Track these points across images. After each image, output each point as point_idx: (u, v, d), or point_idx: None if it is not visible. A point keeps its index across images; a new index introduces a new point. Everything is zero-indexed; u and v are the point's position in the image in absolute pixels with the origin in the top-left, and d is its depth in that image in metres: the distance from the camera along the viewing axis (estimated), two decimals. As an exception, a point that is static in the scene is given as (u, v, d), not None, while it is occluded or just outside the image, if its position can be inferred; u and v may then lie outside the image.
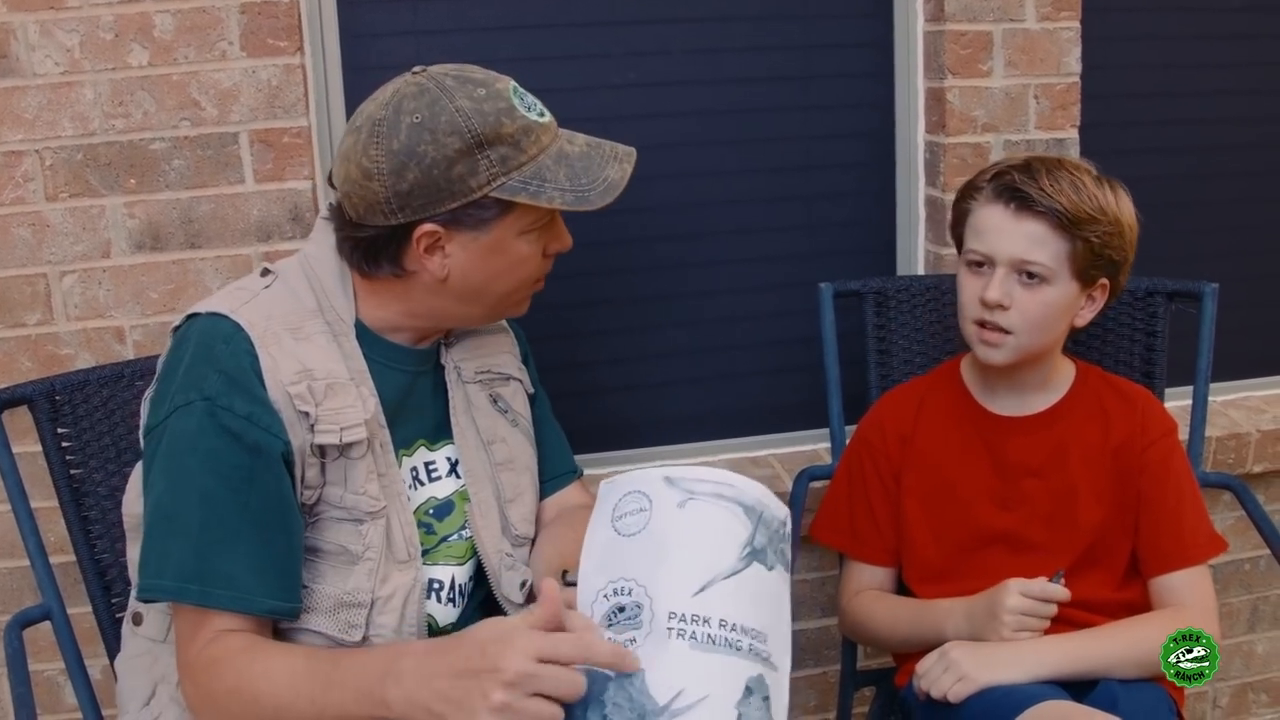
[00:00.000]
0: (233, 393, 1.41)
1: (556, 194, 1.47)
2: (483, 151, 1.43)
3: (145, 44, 2.00)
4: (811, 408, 2.41)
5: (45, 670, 2.19)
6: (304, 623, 1.47)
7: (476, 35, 2.21)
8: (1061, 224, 1.72)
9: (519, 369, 1.76)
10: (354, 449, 1.48)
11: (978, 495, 1.88)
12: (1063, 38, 2.34)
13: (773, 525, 1.35)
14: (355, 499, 1.48)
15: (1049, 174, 1.75)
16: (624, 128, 2.28)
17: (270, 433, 1.42)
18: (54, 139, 2.01)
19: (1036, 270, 1.74)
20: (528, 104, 1.49)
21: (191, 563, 1.40)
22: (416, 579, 1.53)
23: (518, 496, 1.68)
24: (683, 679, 1.22)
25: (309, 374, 1.46)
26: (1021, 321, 1.77)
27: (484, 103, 1.44)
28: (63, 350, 2.07)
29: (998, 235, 1.77)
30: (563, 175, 1.48)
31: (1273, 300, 2.72)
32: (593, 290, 2.38)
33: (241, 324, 1.46)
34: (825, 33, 2.37)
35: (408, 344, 1.59)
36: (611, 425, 2.44)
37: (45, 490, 1.80)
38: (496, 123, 1.44)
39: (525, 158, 1.46)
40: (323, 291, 1.54)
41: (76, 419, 1.78)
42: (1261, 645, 2.78)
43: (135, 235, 2.06)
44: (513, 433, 1.70)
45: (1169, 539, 1.83)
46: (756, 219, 2.42)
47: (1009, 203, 1.76)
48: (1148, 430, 1.86)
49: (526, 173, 1.45)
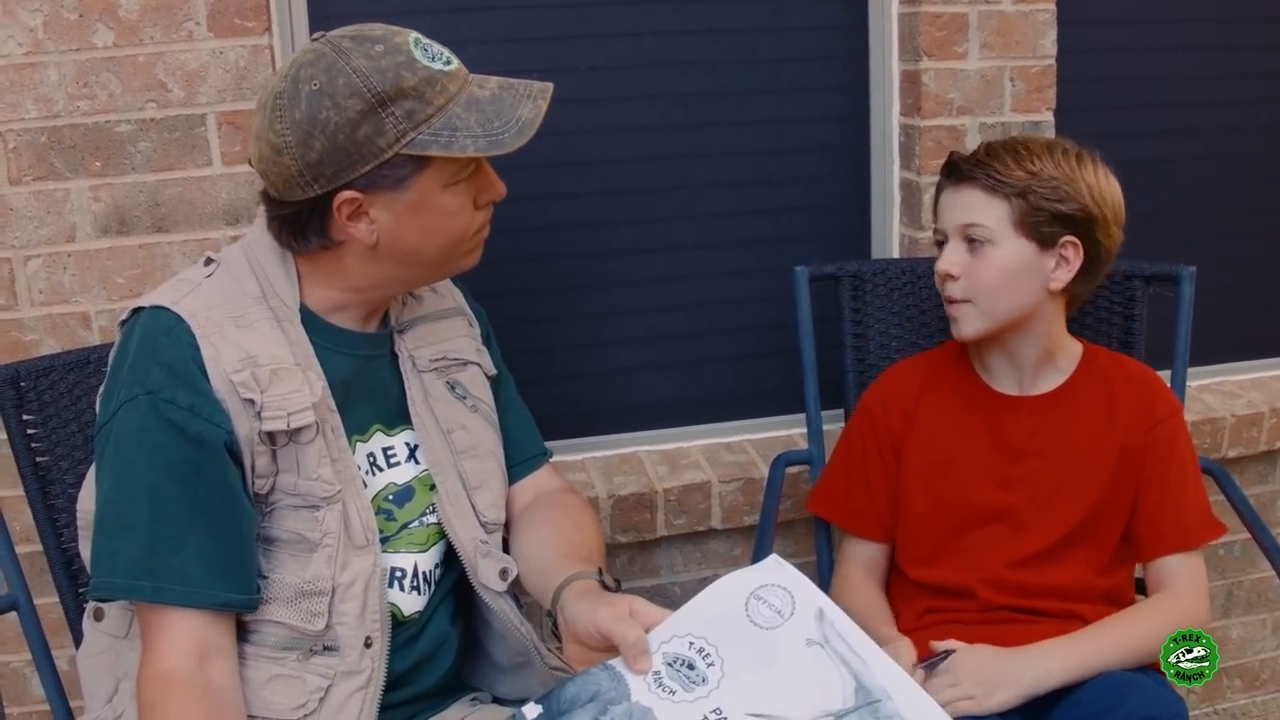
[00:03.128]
0: (175, 385, 1.41)
1: (469, 141, 1.42)
2: (386, 109, 1.40)
3: (110, 24, 1.97)
4: (786, 393, 2.40)
5: (11, 662, 2.16)
6: (267, 614, 1.46)
7: (446, 16, 2.19)
8: (991, 185, 1.77)
9: (477, 352, 1.73)
10: (303, 434, 1.46)
11: (978, 473, 1.88)
12: (1038, 20, 2.33)
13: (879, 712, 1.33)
14: (309, 485, 1.47)
15: (990, 148, 1.81)
16: (595, 110, 2.29)
17: (213, 423, 1.41)
18: (17, 121, 1.97)
19: (977, 234, 1.78)
20: (431, 54, 1.45)
21: (142, 559, 1.39)
22: (376, 564, 1.51)
23: (483, 483, 1.66)
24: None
25: (252, 361, 1.45)
26: (974, 287, 1.79)
27: (381, 59, 1.41)
28: (27, 336, 2.04)
29: (945, 209, 1.83)
30: (474, 121, 1.43)
31: (1247, 284, 2.72)
32: (563, 274, 2.36)
33: (183, 315, 1.45)
34: (798, 15, 2.36)
35: (355, 326, 1.57)
36: (584, 411, 2.42)
37: (10, 479, 1.78)
38: (396, 77, 1.40)
39: (432, 109, 1.42)
40: (265, 277, 1.52)
41: (42, 405, 1.75)
42: (1236, 630, 2.79)
43: (101, 219, 2.03)
44: (473, 419, 1.68)
45: (1170, 520, 1.83)
46: (729, 202, 2.41)
47: (949, 176, 1.83)
48: (1154, 411, 1.86)
49: (436, 124, 1.42)
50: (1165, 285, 2.09)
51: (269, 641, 1.47)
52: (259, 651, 1.48)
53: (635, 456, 2.42)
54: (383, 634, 1.52)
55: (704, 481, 2.31)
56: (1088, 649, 1.72)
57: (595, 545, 1.65)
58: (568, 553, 1.57)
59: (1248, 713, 2.85)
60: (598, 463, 2.39)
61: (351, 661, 1.49)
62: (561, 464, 2.34)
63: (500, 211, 2.25)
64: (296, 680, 1.48)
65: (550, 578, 1.54)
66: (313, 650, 1.48)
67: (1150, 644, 1.74)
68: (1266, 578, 2.75)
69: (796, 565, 2.40)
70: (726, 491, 2.32)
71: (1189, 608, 1.79)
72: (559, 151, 2.28)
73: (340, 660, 1.48)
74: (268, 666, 1.48)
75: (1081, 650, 1.72)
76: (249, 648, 1.48)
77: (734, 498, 2.33)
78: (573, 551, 1.57)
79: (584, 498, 1.80)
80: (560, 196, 2.31)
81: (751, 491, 2.33)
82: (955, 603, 1.85)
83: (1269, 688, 2.86)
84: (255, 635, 1.48)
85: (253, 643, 1.48)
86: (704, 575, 2.42)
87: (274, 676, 1.47)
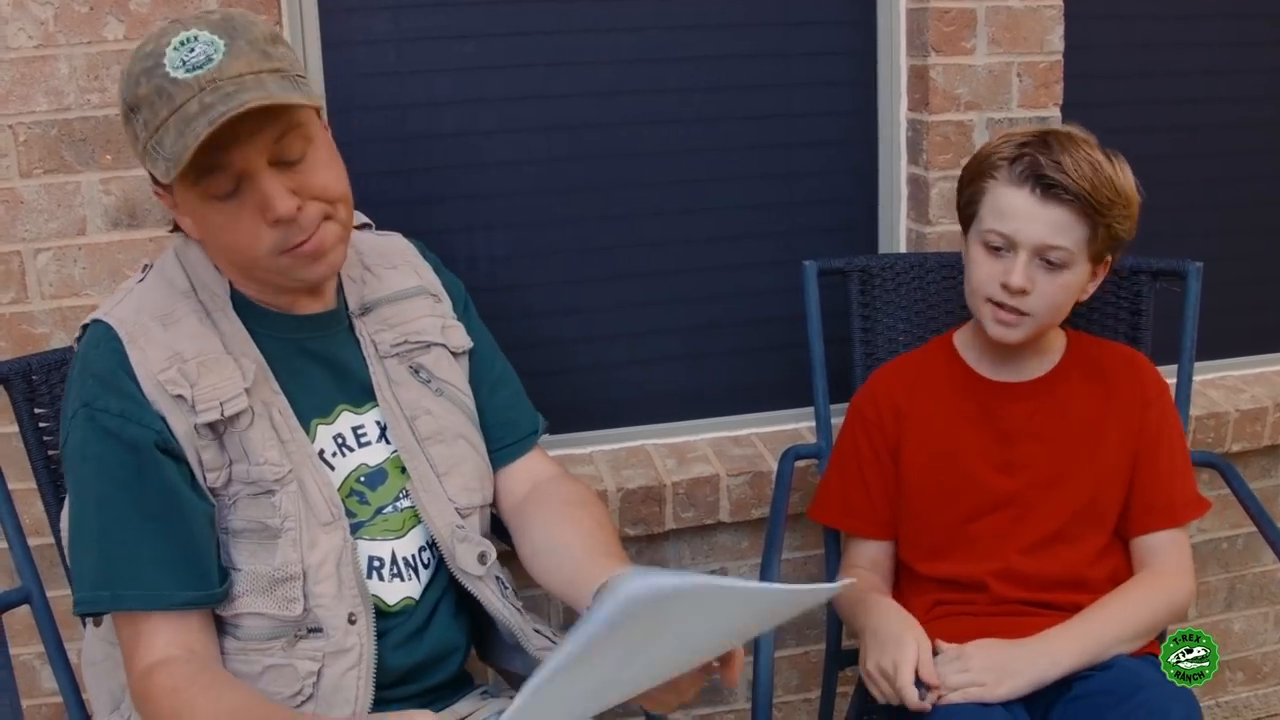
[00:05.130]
0: (106, 394, 1.43)
1: (161, 162, 1.36)
2: (134, 116, 1.39)
3: (121, 17, 1.97)
4: (793, 386, 2.41)
5: (20, 655, 2.15)
6: (244, 606, 1.47)
7: (454, 10, 2.19)
8: (1086, 210, 1.73)
9: (442, 330, 1.70)
10: (240, 420, 1.47)
11: (979, 461, 1.89)
12: (1046, 16, 2.34)
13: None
14: (259, 470, 1.47)
15: (1069, 155, 1.73)
16: (604, 104, 2.29)
17: (142, 425, 1.42)
18: (28, 114, 1.97)
19: (1058, 257, 1.75)
20: (183, 57, 1.35)
21: (98, 570, 1.42)
22: (345, 539, 1.51)
23: (452, 468, 1.64)
24: None
25: (179, 357, 1.46)
26: (1041, 304, 1.78)
27: (138, 62, 1.38)
28: (37, 329, 2.04)
29: (1023, 220, 1.75)
30: (170, 142, 1.35)
31: (1252, 279, 2.73)
32: (572, 267, 2.36)
33: (111, 324, 1.47)
34: (807, 10, 2.36)
35: (288, 309, 1.56)
36: (593, 404, 2.42)
37: (22, 472, 1.78)
38: (135, 84, 1.37)
39: (158, 120, 1.36)
40: (194, 271, 1.53)
41: (54, 399, 1.75)
42: (1239, 623, 2.80)
43: (111, 212, 2.03)
44: (438, 402, 1.66)
45: (1161, 496, 1.86)
46: (738, 196, 2.41)
47: (1034, 188, 1.74)
48: (1146, 389, 1.89)
49: (158, 138, 1.37)
50: (1172, 281, 2.10)
51: (253, 634, 1.48)
52: (246, 645, 1.49)
53: (643, 450, 2.42)
54: (366, 610, 1.51)
55: (712, 475, 2.32)
56: (1093, 634, 1.74)
57: (616, 539, 1.65)
58: (601, 551, 1.56)
59: (1250, 706, 2.86)
60: (606, 456, 2.40)
61: (338, 640, 1.49)
62: (569, 457, 2.36)
63: (507, 206, 2.27)
64: (288, 668, 1.49)
65: (585, 581, 1.48)
66: (298, 635, 1.49)
67: (1146, 623, 1.78)
68: (1269, 571, 2.76)
69: (803, 559, 2.44)
70: (735, 485, 2.33)
71: (1179, 584, 1.83)
72: (568, 145, 2.29)
73: (326, 641, 1.49)
74: (258, 658, 1.49)
75: (1087, 635, 1.74)
76: (235, 643, 1.49)
77: (742, 491, 2.34)
78: (604, 550, 1.56)
79: (585, 485, 1.79)
80: (568, 190, 2.32)
81: (759, 485, 2.33)
82: (966, 595, 1.86)
83: (1270, 681, 2.87)
84: (239, 630, 1.48)
85: (238, 638, 1.49)
86: (712, 568, 2.42)
87: (266, 668, 1.48)
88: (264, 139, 1.38)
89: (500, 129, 2.26)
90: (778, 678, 2.51)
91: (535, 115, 2.27)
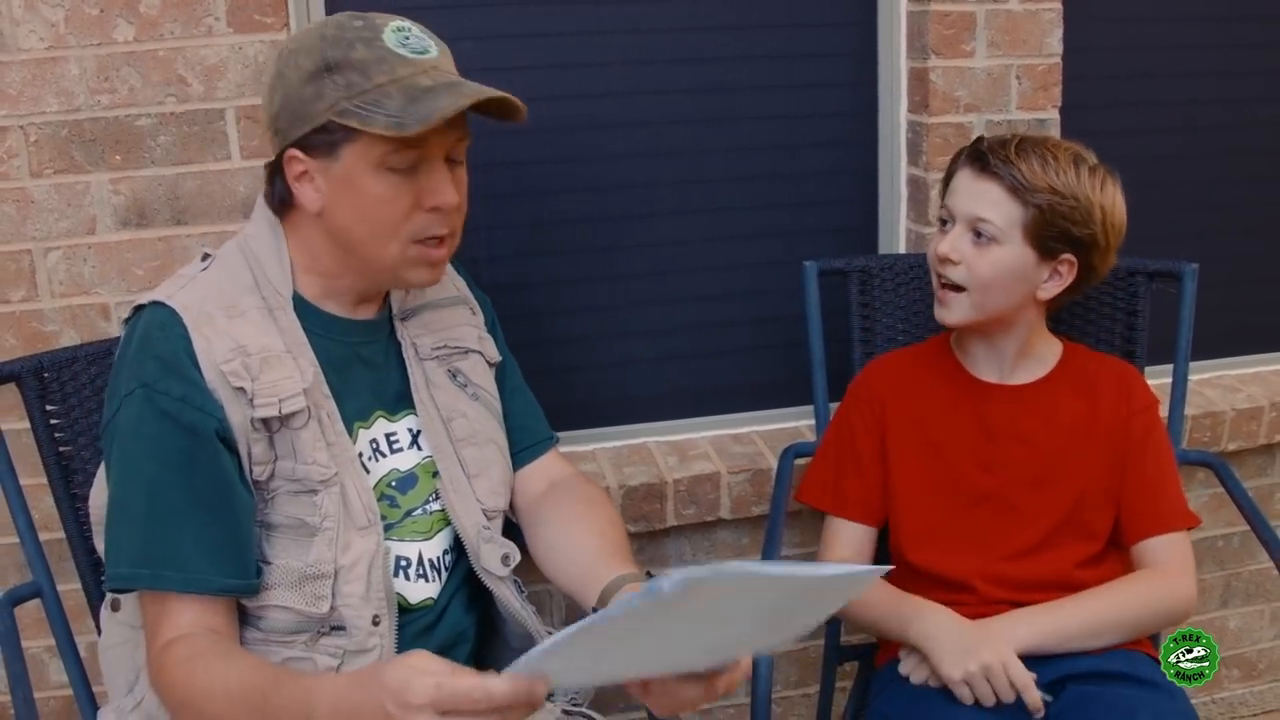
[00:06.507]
0: (168, 377, 1.44)
1: (383, 119, 1.42)
2: (330, 75, 1.44)
3: (131, 19, 1.99)
4: (794, 385, 2.43)
5: (30, 648, 2.16)
6: (271, 599, 1.49)
7: (461, 11, 2.20)
8: (1014, 188, 1.78)
9: (479, 339, 1.75)
10: (295, 419, 1.49)
11: (963, 456, 1.91)
12: (1045, 19, 2.35)
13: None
14: (305, 469, 1.49)
15: (1021, 146, 1.81)
16: (607, 104, 2.30)
17: (204, 412, 1.44)
18: (38, 114, 1.99)
19: (986, 229, 1.80)
20: (405, 41, 1.47)
21: (141, 548, 1.44)
22: (379, 544, 1.54)
23: (483, 470, 1.68)
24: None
25: (243, 350, 1.48)
26: (970, 277, 1.82)
27: (349, 31, 1.45)
28: (47, 327, 2.06)
29: (960, 194, 1.84)
30: (395, 106, 1.43)
31: (1247, 280, 2.74)
32: (574, 267, 2.38)
33: (176, 309, 1.49)
34: (809, 12, 2.37)
35: (346, 314, 1.60)
36: (595, 402, 2.44)
37: (33, 468, 1.80)
38: (349, 48, 1.44)
39: (370, 84, 1.44)
40: (259, 267, 1.56)
41: (65, 396, 1.77)
42: (1234, 621, 2.82)
43: (120, 211, 2.05)
44: (474, 406, 1.70)
45: (1148, 502, 1.87)
46: (739, 197, 2.43)
47: (973, 164, 1.83)
48: (1133, 401, 1.91)
49: (366, 99, 1.43)
50: (1168, 282, 2.12)
51: (277, 626, 1.50)
52: (268, 637, 1.51)
53: (645, 447, 2.44)
54: (389, 613, 1.54)
55: (713, 472, 2.34)
56: (1058, 616, 1.78)
57: (627, 539, 1.67)
58: (611, 551, 1.59)
59: (1245, 702, 2.88)
60: (608, 453, 2.42)
61: (359, 640, 1.51)
62: (572, 454, 2.36)
63: (511, 205, 2.29)
64: (307, 662, 1.50)
65: (594, 578, 1.54)
66: (320, 632, 1.51)
67: (1130, 616, 1.80)
68: (1264, 569, 2.78)
69: (801, 556, 2.46)
70: (735, 482, 2.35)
71: (1172, 581, 1.84)
72: (571, 146, 2.31)
73: (348, 639, 1.51)
74: (279, 650, 1.50)
75: (1052, 618, 1.78)
76: (258, 634, 1.51)
77: (743, 488, 2.36)
78: (615, 550, 1.59)
79: (599, 486, 1.82)
80: (571, 190, 2.33)
81: (760, 482, 2.35)
82: (955, 595, 1.87)
83: (1266, 678, 2.89)
84: (262, 621, 1.50)
85: (261, 629, 1.51)
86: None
87: (286, 659, 1.50)
88: (453, 135, 1.50)
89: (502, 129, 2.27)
90: (776, 673, 2.53)
91: (537, 116, 2.27)
